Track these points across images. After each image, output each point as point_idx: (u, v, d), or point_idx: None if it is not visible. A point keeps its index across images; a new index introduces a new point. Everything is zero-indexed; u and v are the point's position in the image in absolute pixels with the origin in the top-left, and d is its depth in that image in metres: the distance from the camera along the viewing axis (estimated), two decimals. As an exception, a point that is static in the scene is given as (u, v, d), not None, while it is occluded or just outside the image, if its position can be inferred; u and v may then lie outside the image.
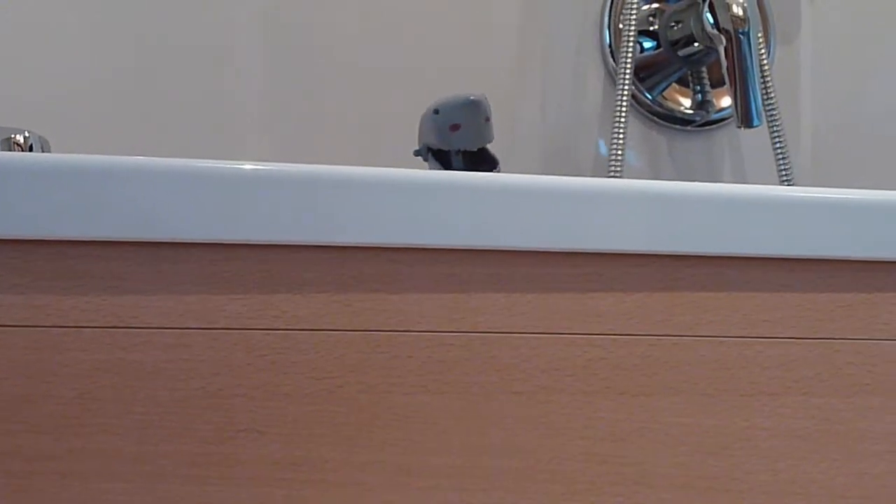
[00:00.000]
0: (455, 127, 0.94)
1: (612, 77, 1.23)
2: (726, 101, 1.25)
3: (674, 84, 1.25)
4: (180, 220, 0.64)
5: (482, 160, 0.97)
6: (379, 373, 0.67)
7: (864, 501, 0.71)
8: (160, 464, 0.64)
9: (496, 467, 0.67)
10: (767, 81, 1.20)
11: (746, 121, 1.13)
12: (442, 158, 0.97)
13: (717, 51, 1.18)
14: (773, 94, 1.20)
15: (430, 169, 1.00)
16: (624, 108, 1.16)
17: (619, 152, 1.15)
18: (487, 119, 0.95)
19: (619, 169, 1.15)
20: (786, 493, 0.70)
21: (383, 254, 0.67)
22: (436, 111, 0.95)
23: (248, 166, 0.65)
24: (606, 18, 1.23)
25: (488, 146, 0.98)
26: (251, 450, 0.65)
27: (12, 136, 0.94)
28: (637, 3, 1.18)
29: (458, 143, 0.94)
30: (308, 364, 0.66)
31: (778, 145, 1.20)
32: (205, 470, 0.65)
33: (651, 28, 1.23)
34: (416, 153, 1.00)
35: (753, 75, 1.13)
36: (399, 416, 0.67)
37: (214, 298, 0.65)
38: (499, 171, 0.98)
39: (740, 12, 1.12)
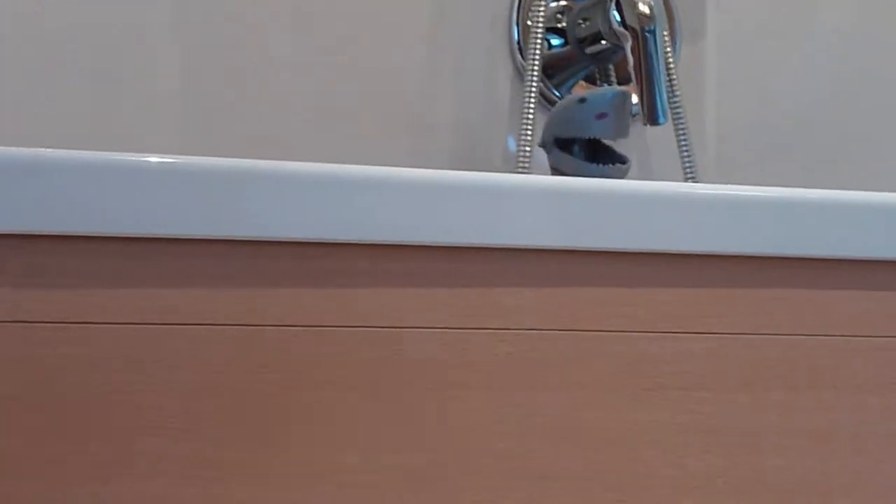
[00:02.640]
0: (602, 115, 0.95)
1: (520, 74, 1.24)
2: (633, 100, 1.26)
3: (581, 81, 1.26)
4: (86, 214, 0.63)
5: (608, 156, 0.97)
6: (287, 369, 0.66)
7: (766, 495, 0.72)
8: (65, 462, 0.64)
9: (403, 464, 0.67)
10: (673, 80, 1.21)
11: (652, 118, 1.13)
12: (569, 150, 0.98)
13: (623, 49, 1.18)
14: (678, 93, 1.21)
15: (552, 162, 0.99)
16: (532, 105, 1.17)
17: (528, 148, 1.16)
18: (632, 115, 0.96)
19: (527, 165, 1.16)
20: (689, 486, 0.71)
21: (295, 249, 0.67)
22: (582, 100, 0.96)
23: (154, 159, 0.65)
24: (515, 15, 1.24)
25: (615, 145, 0.99)
26: (157, 448, 0.65)
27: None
28: (545, 0, 1.19)
29: (601, 131, 0.95)
30: (215, 360, 0.65)
31: (683, 142, 1.21)
32: (108, 469, 0.64)
33: (559, 25, 1.24)
34: (541, 145, 1.00)
35: (659, 73, 1.14)
36: (307, 413, 0.66)
37: (119, 293, 0.65)
38: (627, 169, 0.98)
39: (647, 10, 1.13)
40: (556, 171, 0.99)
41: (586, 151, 0.96)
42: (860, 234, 0.73)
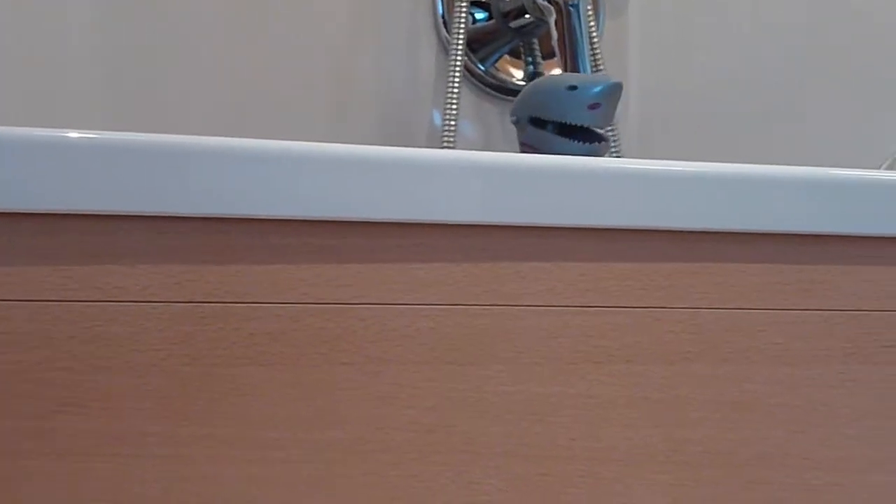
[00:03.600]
0: (594, 106, 0.95)
1: (445, 48, 1.23)
2: (557, 73, 1.27)
3: (506, 55, 1.26)
4: (6, 190, 0.63)
5: (585, 134, 0.97)
6: (205, 345, 0.66)
7: (685, 467, 0.73)
8: (-21, 440, 0.63)
9: (324, 439, 0.67)
10: (597, 54, 1.22)
11: (576, 92, 1.14)
12: (542, 128, 0.97)
13: (547, 22, 1.19)
14: (602, 67, 1.22)
15: (525, 139, 0.99)
16: (457, 79, 1.17)
17: (453, 123, 1.16)
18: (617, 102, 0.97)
19: (452, 140, 1.16)
20: (608, 459, 0.72)
21: (211, 224, 0.66)
22: (572, 87, 0.95)
23: (74, 135, 0.64)
24: (439, -11, 1.24)
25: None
26: (73, 424, 0.64)
27: None
28: (469, -26, 1.19)
29: (592, 120, 0.95)
30: (132, 337, 0.65)
31: (607, 117, 1.22)
32: (25, 445, 0.63)
33: (483, -1, 1.24)
34: (514, 122, 1.00)
35: (583, 47, 1.14)
36: (226, 388, 0.66)
37: (35, 270, 0.64)
38: (609, 146, 0.98)
39: (570, -15, 1.14)
40: (529, 147, 0.99)
41: (559, 129, 0.97)
42: (770, 207, 0.73)
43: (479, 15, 1.24)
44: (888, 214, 0.75)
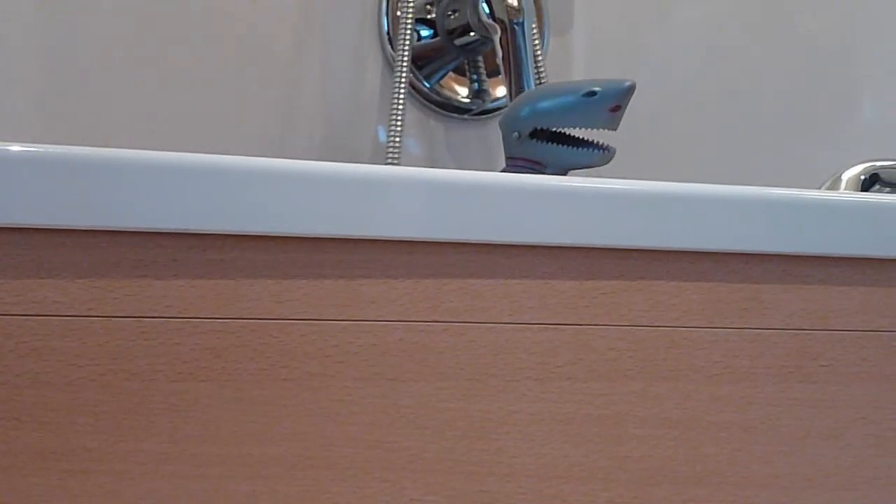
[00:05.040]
0: (615, 108, 0.95)
1: (390, 65, 1.24)
2: (502, 91, 1.27)
3: (451, 73, 1.26)
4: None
5: (586, 144, 0.98)
6: (145, 360, 0.66)
7: (625, 484, 0.73)
8: (-88, 455, 0.62)
9: (264, 454, 0.67)
10: (541, 72, 1.22)
11: (521, 110, 1.14)
12: (551, 139, 0.98)
13: (492, 40, 1.19)
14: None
15: (522, 154, 0.99)
16: (402, 96, 1.17)
17: (398, 139, 1.16)
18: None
19: (397, 156, 1.16)
20: (549, 476, 0.72)
21: (151, 239, 0.66)
22: (591, 93, 0.96)
23: (15, 148, 0.63)
24: (384, 5, 1.24)
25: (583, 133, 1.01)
26: (9, 440, 0.63)
27: None
28: (415, -9, 1.19)
29: (611, 123, 0.96)
30: (70, 351, 0.64)
31: (551, 134, 1.22)
32: (-40, 461, 0.63)
33: (429, 16, 1.24)
34: (516, 138, 1.00)
35: (527, 65, 1.15)
36: (165, 403, 0.66)
37: (-28, 284, 0.64)
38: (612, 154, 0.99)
39: (515, 3, 1.14)
40: (528, 163, 1.00)
41: (556, 142, 0.98)
42: (709, 226, 0.74)
43: (425, 32, 1.24)
44: (825, 234, 0.76)
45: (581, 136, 0.99)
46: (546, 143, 0.98)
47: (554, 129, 0.99)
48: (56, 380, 0.64)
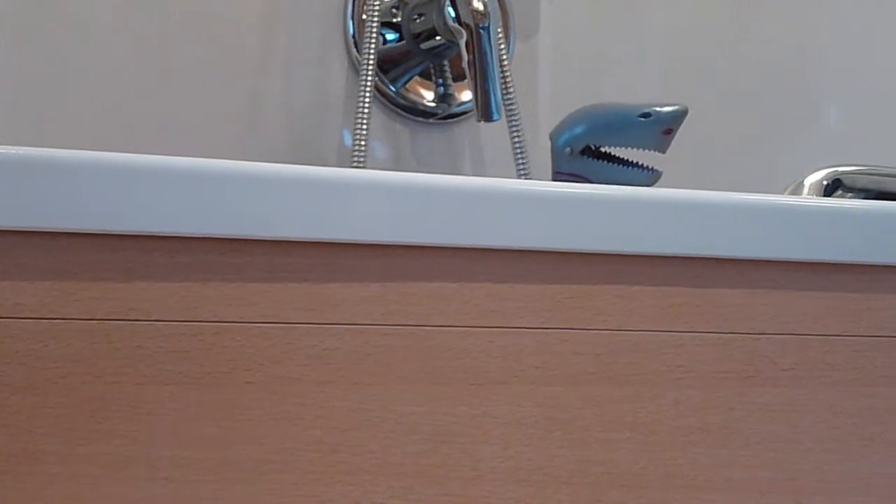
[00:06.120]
0: (668, 131, 0.98)
1: (355, 68, 1.24)
2: (467, 95, 1.27)
3: (416, 77, 1.26)
4: None
5: (630, 164, 1.00)
6: (107, 363, 0.65)
7: (588, 488, 0.73)
8: None
9: (227, 458, 0.67)
10: (507, 76, 1.22)
11: (486, 114, 1.15)
12: (601, 157, 1.00)
13: (458, 44, 1.19)
14: (512, 89, 1.23)
15: (571, 170, 1.01)
16: (367, 100, 1.17)
17: (363, 143, 1.16)
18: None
19: (362, 159, 1.16)
20: (514, 479, 0.72)
21: (113, 241, 0.66)
22: (646, 115, 0.98)
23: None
24: (350, 8, 1.24)
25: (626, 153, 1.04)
26: (-31, 443, 0.63)
27: None
28: (380, -6, 1.19)
29: (663, 146, 1.00)
30: (31, 353, 0.64)
31: (516, 139, 1.23)
32: (-81, 464, 0.62)
33: (394, 20, 1.24)
34: (569, 153, 1.01)
35: (493, 69, 1.15)
36: (128, 407, 0.65)
37: (-67, 286, 0.63)
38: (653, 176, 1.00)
39: (481, 7, 1.14)
40: (576, 177, 1.02)
41: (607, 161, 1.01)
42: (668, 230, 0.74)
43: (390, 36, 1.24)
44: (788, 238, 0.77)
45: (628, 157, 1.01)
46: (598, 160, 1.00)
47: (603, 149, 1.01)
48: (17, 382, 0.64)
